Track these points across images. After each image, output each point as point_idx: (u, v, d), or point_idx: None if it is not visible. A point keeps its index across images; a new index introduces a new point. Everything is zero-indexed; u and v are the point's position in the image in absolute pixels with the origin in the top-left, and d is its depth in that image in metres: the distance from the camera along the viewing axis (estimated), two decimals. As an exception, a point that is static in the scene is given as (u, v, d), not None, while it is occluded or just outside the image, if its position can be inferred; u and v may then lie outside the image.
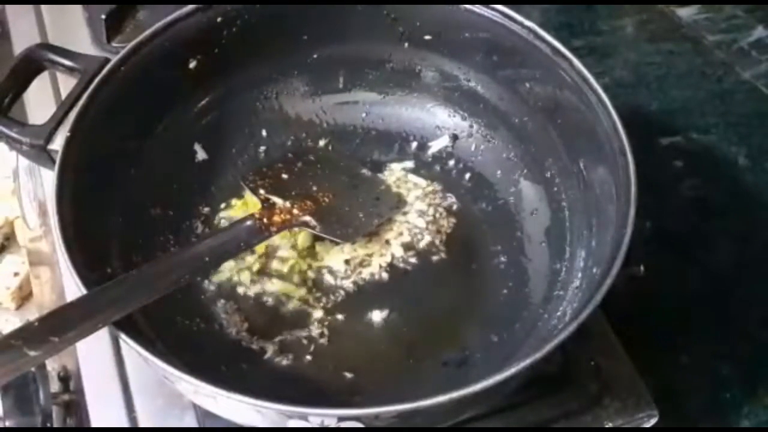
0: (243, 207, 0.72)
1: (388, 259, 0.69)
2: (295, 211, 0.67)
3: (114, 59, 0.65)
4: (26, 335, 0.50)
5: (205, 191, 0.73)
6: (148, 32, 0.67)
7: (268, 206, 0.67)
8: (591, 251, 0.63)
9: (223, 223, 0.71)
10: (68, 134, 0.61)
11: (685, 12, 1.07)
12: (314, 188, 0.70)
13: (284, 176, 0.70)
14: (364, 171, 0.74)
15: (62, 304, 0.55)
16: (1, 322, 0.84)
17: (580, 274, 0.64)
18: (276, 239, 0.69)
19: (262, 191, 0.68)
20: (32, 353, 0.49)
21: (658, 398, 0.65)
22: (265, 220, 0.65)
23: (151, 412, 0.64)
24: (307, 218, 0.67)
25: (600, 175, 0.63)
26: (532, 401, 0.64)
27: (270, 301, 0.67)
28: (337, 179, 0.72)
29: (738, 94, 0.99)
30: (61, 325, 0.51)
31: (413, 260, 0.69)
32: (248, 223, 0.64)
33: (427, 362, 0.64)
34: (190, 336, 0.64)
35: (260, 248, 0.69)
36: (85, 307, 0.53)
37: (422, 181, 0.74)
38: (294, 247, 0.69)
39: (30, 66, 0.67)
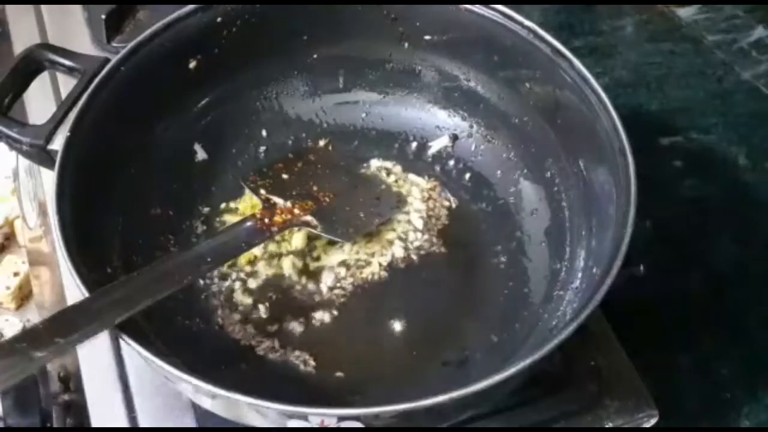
0: (243, 206, 0.72)
1: (388, 259, 0.69)
2: (296, 211, 0.67)
3: (114, 59, 0.65)
4: (31, 338, 0.50)
5: (205, 191, 0.73)
6: (148, 32, 0.67)
7: (268, 206, 0.67)
8: (591, 251, 0.63)
9: (225, 222, 0.71)
10: (68, 134, 0.61)
11: (685, 12, 1.07)
12: (315, 188, 0.70)
13: (285, 176, 0.71)
14: (364, 171, 0.74)
15: (66, 306, 0.55)
16: (1, 321, 0.84)
17: (580, 274, 0.64)
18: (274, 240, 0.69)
19: (262, 191, 0.68)
20: (38, 355, 0.49)
21: (658, 398, 0.65)
22: (266, 220, 0.65)
23: (151, 412, 0.64)
24: (308, 218, 0.67)
25: (600, 175, 0.63)
26: (532, 401, 0.64)
27: (269, 301, 0.67)
28: (338, 179, 0.72)
29: (738, 94, 0.99)
30: (66, 326, 0.51)
31: (413, 260, 0.69)
32: (249, 223, 0.64)
33: (427, 362, 0.64)
34: (190, 336, 0.64)
35: (259, 249, 0.69)
36: (89, 309, 0.53)
37: (422, 181, 0.74)
38: (292, 247, 0.69)
39: (30, 66, 0.67)
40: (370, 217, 0.70)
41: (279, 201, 0.67)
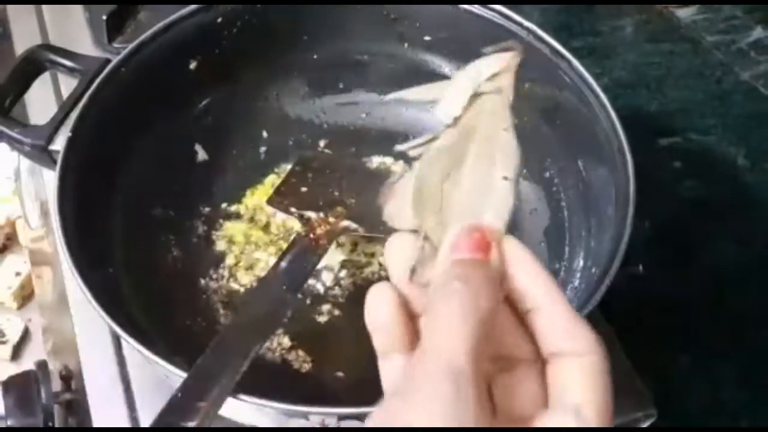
0: (244, 207, 0.72)
1: (389, 259, 0.69)
2: (331, 219, 0.66)
3: (115, 60, 0.65)
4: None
5: (205, 192, 0.73)
6: (149, 33, 0.67)
7: (304, 222, 0.66)
8: (590, 251, 0.64)
9: (225, 225, 0.72)
10: (69, 135, 0.61)
11: (684, 12, 1.07)
12: (336, 193, 0.69)
13: (303, 189, 0.70)
14: (368, 165, 0.75)
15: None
16: (3, 321, 0.84)
17: (579, 274, 0.64)
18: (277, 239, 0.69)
19: (293, 209, 0.68)
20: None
21: (658, 398, 0.65)
22: (311, 235, 0.64)
23: (153, 411, 0.63)
24: (347, 223, 0.66)
25: (599, 175, 0.63)
26: (531, 401, 0.64)
27: (270, 300, 0.67)
28: (351, 178, 0.72)
29: (737, 95, 0.98)
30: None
31: (413, 260, 0.69)
32: (300, 244, 0.63)
33: (427, 362, 0.64)
34: (191, 335, 0.64)
35: (264, 253, 0.69)
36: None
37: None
38: (334, 261, 0.69)
39: (31, 67, 0.67)
40: None
41: (312, 214, 0.67)
